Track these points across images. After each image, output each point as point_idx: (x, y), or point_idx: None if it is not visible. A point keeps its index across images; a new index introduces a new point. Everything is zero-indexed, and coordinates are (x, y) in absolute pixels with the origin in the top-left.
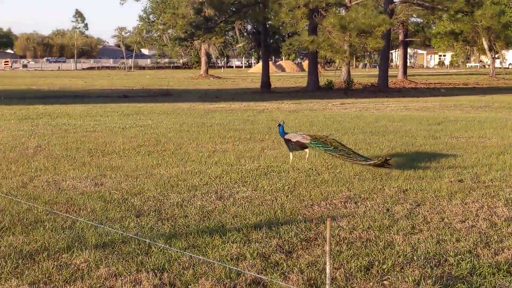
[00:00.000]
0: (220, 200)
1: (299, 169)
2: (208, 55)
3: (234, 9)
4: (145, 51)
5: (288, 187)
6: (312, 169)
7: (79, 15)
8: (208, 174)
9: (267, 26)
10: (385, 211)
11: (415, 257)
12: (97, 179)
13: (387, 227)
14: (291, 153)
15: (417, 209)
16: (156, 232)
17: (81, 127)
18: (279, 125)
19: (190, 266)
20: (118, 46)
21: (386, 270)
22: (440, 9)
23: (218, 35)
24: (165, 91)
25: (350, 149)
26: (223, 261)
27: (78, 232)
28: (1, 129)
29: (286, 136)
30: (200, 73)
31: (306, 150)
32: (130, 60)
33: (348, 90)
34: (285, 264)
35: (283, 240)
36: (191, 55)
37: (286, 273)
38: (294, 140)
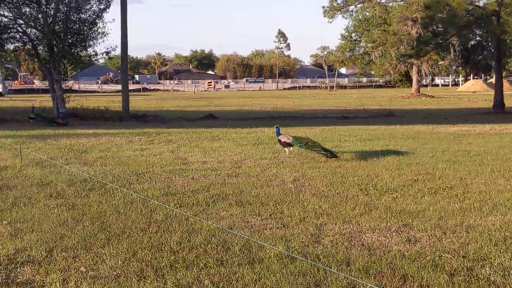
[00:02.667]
0: None
1: None
2: (419, 73)
3: (464, 24)
4: (342, 70)
5: None
6: None
7: (281, 35)
8: None
9: (499, 40)
10: None
11: None
12: (403, 231)
13: None
14: (286, 149)
15: None
16: None
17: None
18: (276, 127)
19: None
20: (316, 65)
21: None
22: None
23: (434, 52)
24: (387, 112)
25: (316, 143)
26: None
27: None
28: (244, 157)
29: (279, 137)
30: (411, 92)
31: (291, 148)
32: (327, 79)
33: None
34: None
35: None
36: (401, 73)
37: None
38: (282, 140)
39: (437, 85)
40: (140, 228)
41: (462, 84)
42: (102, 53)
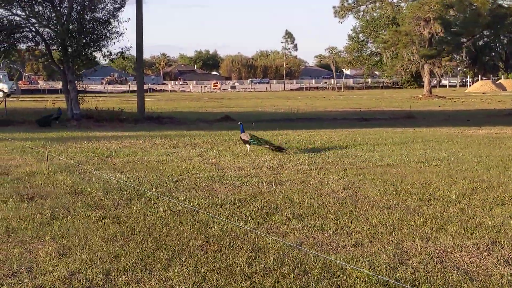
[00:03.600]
0: None
1: None
2: (431, 74)
3: (487, 23)
4: (346, 71)
5: None
6: None
7: (289, 36)
8: None
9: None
10: None
11: None
12: (494, 250)
13: None
14: (247, 145)
15: None
16: None
17: (368, 160)
18: (240, 123)
19: None
20: (320, 66)
21: None
22: None
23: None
24: (406, 113)
25: (267, 141)
26: None
27: None
28: (280, 162)
29: (241, 135)
30: (423, 93)
31: (247, 145)
32: (332, 79)
33: None
34: None
35: None
36: (411, 74)
37: None
38: (242, 138)
39: (445, 86)
40: (199, 246)
41: (470, 85)
42: (117, 53)
